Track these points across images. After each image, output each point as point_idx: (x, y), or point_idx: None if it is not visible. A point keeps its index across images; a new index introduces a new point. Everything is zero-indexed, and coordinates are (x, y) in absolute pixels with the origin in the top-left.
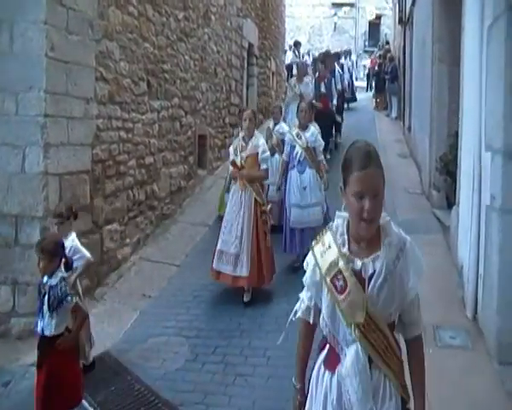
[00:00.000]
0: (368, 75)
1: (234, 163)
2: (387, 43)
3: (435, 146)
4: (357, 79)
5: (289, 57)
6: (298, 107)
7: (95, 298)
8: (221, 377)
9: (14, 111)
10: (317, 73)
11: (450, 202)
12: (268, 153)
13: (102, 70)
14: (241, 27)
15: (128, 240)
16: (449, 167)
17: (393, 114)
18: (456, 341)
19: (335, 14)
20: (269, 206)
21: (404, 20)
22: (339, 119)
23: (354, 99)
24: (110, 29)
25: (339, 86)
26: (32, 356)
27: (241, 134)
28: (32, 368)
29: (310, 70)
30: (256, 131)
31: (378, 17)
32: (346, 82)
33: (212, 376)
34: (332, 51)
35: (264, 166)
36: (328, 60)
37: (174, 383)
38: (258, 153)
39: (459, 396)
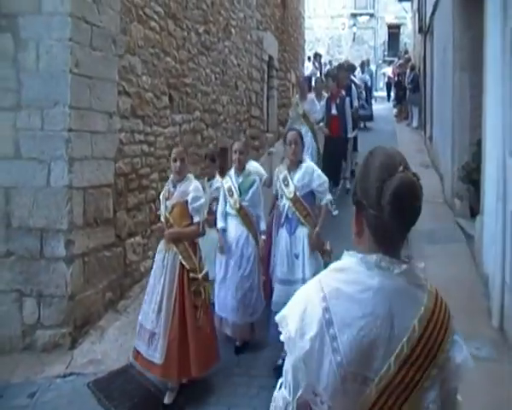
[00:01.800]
0: (388, 85)
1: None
2: (406, 52)
3: (457, 155)
4: (376, 91)
5: (309, 68)
6: (285, 137)
7: (118, 311)
8: (245, 390)
9: (39, 126)
10: (329, 92)
11: (474, 210)
12: (202, 201)
13: (125, 84)
14: (261, 40)
15: (151, 253)
16: (472, 176)
17: (414, 124)
18: (481, 352)
19: (354, 25)
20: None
21: (425, 29)
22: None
23: (371, 117)
24: (132, 44)
25: (355, 103)
26: (57, 368)
27: (171, 177)
28: (57, 380)
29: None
30: (189, 175)
31: (397, 27)
32: (361, 100)
33: (235, 388)
34: (347, 63)
35: (196, 219)
36: (341, 75)
37: (198, 394)
38: (187, 201)
39: (485, 407)
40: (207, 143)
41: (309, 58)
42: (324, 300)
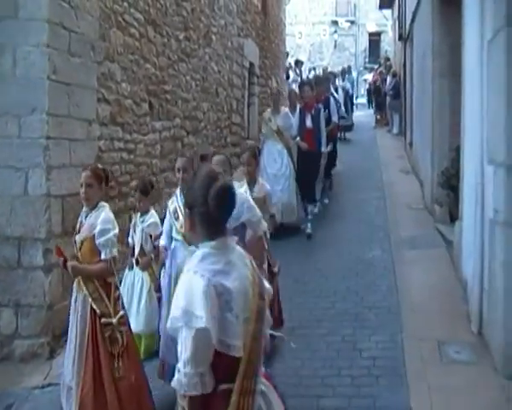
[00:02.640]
0: (368, 91)
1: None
2: (388, 59)
3: (437, 161)
4: (357, 97)
5: (291, 77)
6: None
7: None
8: None
9: (16, 134)
10: (302, 101)
11: (453, 216)
12: (110, 235)
13: (104, 91)
14: (241, 47)
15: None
16: (451, 182)
17: (395, 131)
18: (461, 356)
19: (335, 32)
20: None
21: (404, 37)
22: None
23: (351, 127)
24: (112, 51)
25: (334, 118)
26: (36, 379)
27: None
28: (35, 391)
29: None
30: (101, 203)
31: (378, 34)
32: (343, 108)
33: None
34: (327, 72)
35: (103, 256)
36: (320, 88)
37: None
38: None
39: None
40: (188, 149)
41: (290, 66)
42: (209, 280)
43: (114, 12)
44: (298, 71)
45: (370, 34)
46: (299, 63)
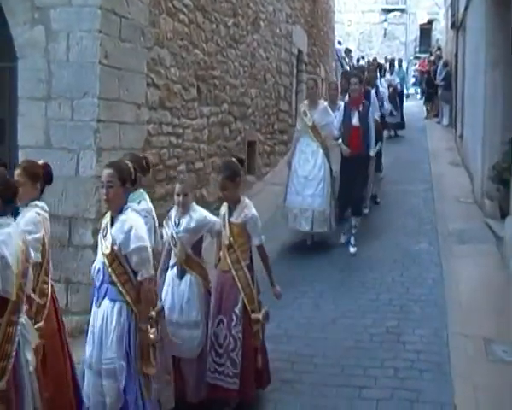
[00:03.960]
0: (418, 81)
1: None
2: (439, 48)
3: (488, 154)
4: (407, 88)
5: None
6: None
7: None
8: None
9: (69, 117)
10: (347, 96)
11: (504, 211)
12: (34, 236)
13: (154, 76)
14: (290, 34)
15: None
16: (502, 176)
17: (445, 122)
18: (508, 355)
19: (385, 20)
20: None
21: (457, 25)
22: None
23: (402, 125)
24: (161, 36)
25: (377, 114)
26: (81, 354)
27: None
28: (78, 365)
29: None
30: (33, 203)
31: (429, 22)
32: (386, 105)
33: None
34: (375, 62)
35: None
36: (369, 74)
37: None
38: None
39: None
40: (235, 135)
41: (346, 52)
42: None
43: None
44: (347, 60)
45: (421, 23)
46: (348, 52)
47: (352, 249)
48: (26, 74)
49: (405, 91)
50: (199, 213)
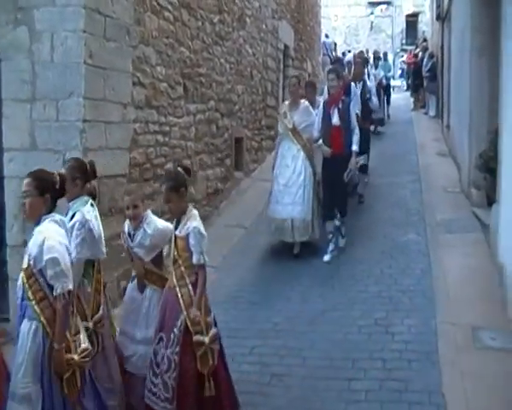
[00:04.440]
0: (405, 73)
1: None
2: (425, 40)
3: (475, 143)
4: (394, 79)
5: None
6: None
7: None
8: (257, 377)
9: (54, 117)
10: (327, 93)
11: (491, 200)
12: None
13: (139, 75)
14: (276, 29)
15: None
16: (489, 165)
17: (432, 113)
18: (496, 342)
19: (372, 13)
20: None
21: (442, 16)
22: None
23: (382, 121)
24: (146, 35)
25: (357, 108)
26: None
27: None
28: None
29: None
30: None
31: (415, 15)
32: (374, 99)
33: (247, 375)
34: (360, 53)
35: None
36: (356, 69)
37: None
38: None
39: (499, 400)
40: (222, 132)
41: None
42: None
43: None
44: (334, 54)
45: (407, 15)
46: (333, 45)
47: (342, 241)
48: (10, 76)
49: (391, 84)
50: (153, 225)
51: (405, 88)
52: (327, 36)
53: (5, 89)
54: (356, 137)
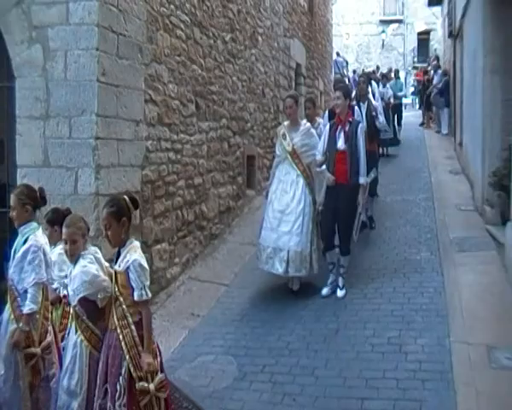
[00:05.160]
0: (416, 90)
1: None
2: (437, 58)
3: (488, 161)
4: (406, 97)
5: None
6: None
7: None
8: (269, 396)
9: (67, 134)
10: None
11: (505, 218)
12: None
13: (151, 93)
14: (288, 47)
15: (177, 259)
16: (503, 182)
17: (444, 131)
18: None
19: (383, 32)
20: None
21: (454, 33)
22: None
23: (396, 141)
24: (159, 52)
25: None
26: None
27: None
28: None
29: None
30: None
31: (427, 32)
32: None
33: (259, 395)
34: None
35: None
36: (360, 86)
37: (222, 401)
38: None
39: None
40: (234, 150)
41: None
42: None
43: (161, 15)
44: (345, 72)
45: (419, 33)
46: (346, 64)
47: (340, 293)
48: (24, 93)
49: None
50: (86, 269)
51: (418, 106)
52: (338, 54)
53: (19, 106)
54: (363, 167)
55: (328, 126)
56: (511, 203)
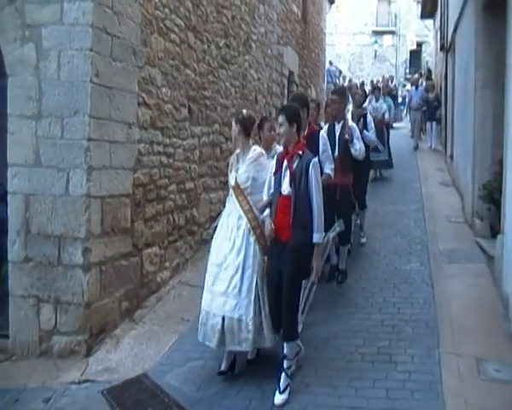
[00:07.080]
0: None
1: None
2: (429, 71)
3: (478, 174)
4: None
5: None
6: None
7: (134, 320)
8: (258, 404)
9: (59, 135)
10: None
11: (495, 230)
12: None
13: (145, 96)
14: (281, 55)
15: (168, 264)
16: (493, 195)
17: (434, 144)
18: (501, 374)
19: (376, 42)
20: None
21: (446, 47)
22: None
23: (390, 164)
24: (152, 56)
25: (326, 168)
26: (72, 374)
27: None
28: (72, 386)
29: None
30: None
31: (419, 45)
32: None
33: (249, 402)
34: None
35: None
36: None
37: (211, 407)
38: None
39: None
40: (226, 156)
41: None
42: None
43: (156, 18)
44: (338, 81)
45: (411, 45)
46: (340, 73)
47: (279, 398)
48: (16, 92)
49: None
50: None
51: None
52: (331, 63)
53: (11, 105)
54: (318, 218)
55: (275, 159)
56: (501, 216)
